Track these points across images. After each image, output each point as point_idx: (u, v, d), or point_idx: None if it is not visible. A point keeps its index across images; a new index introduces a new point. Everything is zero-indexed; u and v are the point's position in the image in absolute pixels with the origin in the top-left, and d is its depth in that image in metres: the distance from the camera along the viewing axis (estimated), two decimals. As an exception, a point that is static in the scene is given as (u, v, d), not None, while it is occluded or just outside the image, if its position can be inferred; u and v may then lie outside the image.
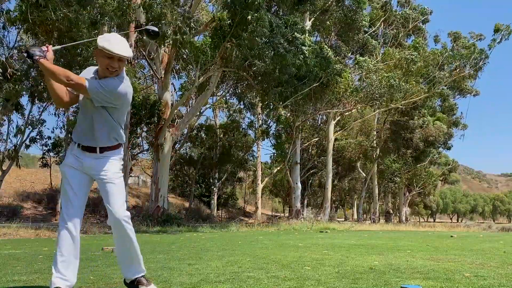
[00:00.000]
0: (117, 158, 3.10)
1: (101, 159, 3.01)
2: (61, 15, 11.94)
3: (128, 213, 3.01)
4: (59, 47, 3.18)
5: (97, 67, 3.04)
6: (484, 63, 29.92)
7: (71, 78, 2.78)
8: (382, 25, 32.89)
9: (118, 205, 2.96)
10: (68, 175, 2.99)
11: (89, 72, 3.04)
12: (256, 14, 14.62)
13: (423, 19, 35.79)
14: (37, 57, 2.75)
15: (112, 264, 4.56)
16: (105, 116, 2.96)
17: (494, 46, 28.94)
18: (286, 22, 17.00)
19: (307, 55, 17.24)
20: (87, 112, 2.98)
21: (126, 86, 2.99)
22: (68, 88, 2.96)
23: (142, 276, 3.09)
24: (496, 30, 28.74)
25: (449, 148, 41.18)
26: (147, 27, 3.37)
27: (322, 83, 19.34)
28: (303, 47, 17.05)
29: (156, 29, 3.37)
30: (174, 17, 14.06)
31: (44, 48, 2.83)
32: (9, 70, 14.36)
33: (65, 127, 21.65)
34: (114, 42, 2.86)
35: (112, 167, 3.03)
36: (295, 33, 16.90)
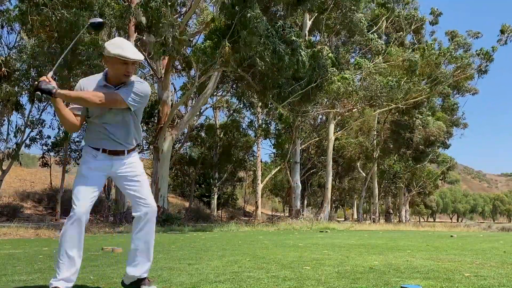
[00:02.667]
0: (138, 157, 3.25)
1: (129, 158, 3.11)
2: (59, 15, 11.94)
3: None
4: (51, 72, 3.07)
5: (96, 75, 3.08)
6: (487, 65, 29.97)
7: (102, 96, 2.86)
8: (384, 24, 32.81)
9: (152, 197, 3.10)
10: (89, 175, 2.99)
11: (90, 82, 3.02)
12: (253, 13, 14.65)
13: (431, 20, 35.98)
14: (54, 89, 2.75)
15: (112, 264, 4.56)
16: (130, 119, 3.06)
17: (497, 48, 28.94)
18: (283, 24, 16.99)
19: (304, 58, 17.21)
20: (109, 117, 3.00)
21: (147, 85, 3.16)
22: (75, 111, 2.99)
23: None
24: (502, 32, 28.72)
25: (447, 147, 41.16)
26: (90, 20, 3.31)
27: (318, 85, 19.32)
28: (301, 50, 17.01)
29: (99, 20, 3.31)
30: (171, 19, 14.07)
31: (46, 80, 2.79)
32: (3, 69, 14.33)
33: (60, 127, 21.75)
34: (127, 48, 2.91)
35: (139, 164, 3.18)
36: (292, 36, 16.90)
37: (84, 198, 2.92)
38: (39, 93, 2.76)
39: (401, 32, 33.26)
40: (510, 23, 28.81)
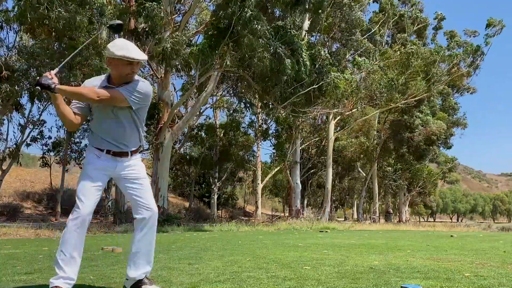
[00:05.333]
0: (141, 159, 3.25)
1: (132, 160, 3.12)
2: (58, 14, 11.92)
3: None
4: (57, 69, 3.08)
5: (100, 76, 3.09)
6: (482, 60, 29.91)
7: (101, 94, 2.87)
8: (386, 25, 32.79)
9: (153, 201, 3.11)
10: (93, 175, 3.00)
11: (93, 82, 3.04)
12: (252, 13, 14.61)
13: (435, 25, 36.21)
14: (53, 85, 2.77)
15: (112, 264, 4.56)
16: (134, 119, 3.07)
17: (490, 43, 28.84)
18: (284, 25, 16.95)
19: (306, 60, 17.14)
20: (112, 118, 3.01)
21: (149, 85, 3.16)
22: (75, 110, 2.99)
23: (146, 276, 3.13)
24: (489, 25, 28.63)
25: (449, 148, 41.06)
26: (110, 22, 3.52)
27: (320, 88, 19.26)
28: (302, 52, 16.95)
29: (118, 22, 3.49)
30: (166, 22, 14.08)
31: (48, 76, 2.82)
32: (4, 72, 14.32)
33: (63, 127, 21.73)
34: (132, 49, 2.94)
35: (142, 167, 3.19)
36: (294, 38, 16.85)
37: (89, 199, 2.94)
38: (39, 87, 2.78)
39: (403, 33, 33.25)
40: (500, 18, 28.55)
